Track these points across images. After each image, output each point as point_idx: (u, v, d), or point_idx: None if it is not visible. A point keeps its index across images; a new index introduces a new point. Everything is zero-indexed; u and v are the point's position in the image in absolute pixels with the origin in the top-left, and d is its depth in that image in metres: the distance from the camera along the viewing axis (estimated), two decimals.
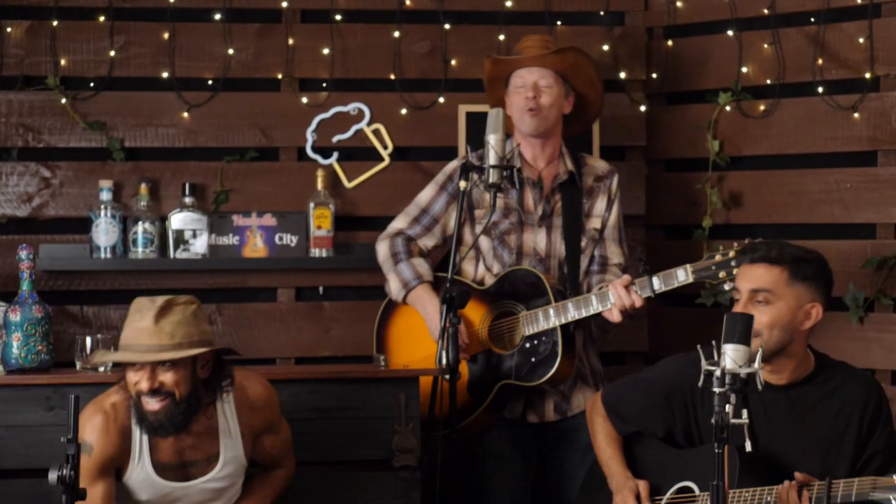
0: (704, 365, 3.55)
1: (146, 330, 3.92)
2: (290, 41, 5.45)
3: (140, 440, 4.03)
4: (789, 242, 4.15)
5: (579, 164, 5.03)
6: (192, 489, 4.08)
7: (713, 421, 3.46)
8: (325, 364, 5.37)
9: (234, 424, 4.14)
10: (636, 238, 5.54)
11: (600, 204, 5.02)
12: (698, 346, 3.63)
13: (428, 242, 5.03)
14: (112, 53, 5.36)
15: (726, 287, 4.59)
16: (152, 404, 3.95)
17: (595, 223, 5.01)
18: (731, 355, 3.52)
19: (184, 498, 4.08)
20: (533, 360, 4.77)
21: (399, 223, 5.07)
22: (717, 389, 3.49)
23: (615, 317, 4.71)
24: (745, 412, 3.51)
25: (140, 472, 4.03)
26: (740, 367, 3.51)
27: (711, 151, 5.42)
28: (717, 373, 3.50)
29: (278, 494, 4.28)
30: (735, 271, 4.50)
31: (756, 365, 3.54)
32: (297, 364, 5.42)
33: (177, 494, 4.08)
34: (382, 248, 5.04)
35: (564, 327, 4.76)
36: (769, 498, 3.91)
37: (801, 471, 3.96)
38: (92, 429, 3.99)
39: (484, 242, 4.98)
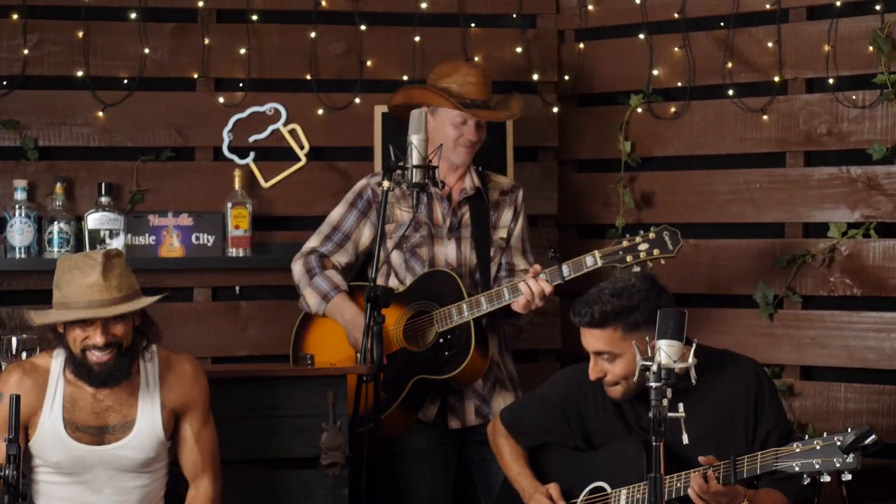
0: (639, 360, 3.63)
1: (96, 286, 3.98)
2: (206, 41, 5.44)
3: (54, 396, 4.05)
4: (612, 289, 4.16)
5: (484, 181, 5.13)
6: (105, 454, 4.06)
7: (650, 415, 3.53)
8: (243, 363, 5.38)
9: (155, 391, 4.14)
10: (549, 238, 5.64)
11: (506, 215, 5.11)
12: (633, 343, 3.72)
13: (341, 259, 5.07)
14: (25, 52, 5.31)
15: (634, 270, 4.67)
16: (101, 356, 4.02)
17: (501, 233, 5.11)
18: (665, 350, 3.60)
19: (98, 465, 4.06)
20: (446, 353, 4.85)
21: (312, 242, 5.11)
22: (653, 384, 3.57)
23: (521, 304, 4.79)
24: (681, 406, 3.59)
25: (50, 429, 4.01)
26: (675, 361, 3.60)
27: (623, 152, 5.53)
28: (653, 367, 3.58)
29: None
30: (643, 255, 4.66)
31: (691, 360, 3.63)
32: (214, 363, 5.41)
33: (90, 460, 4.06)
34: (297, 267, 5.07)
35: (477, 322, 4.84)
36: (679, 483, 3.99)
37: (697, 461, 4.03)
38: (3, 382, 4.06)
39: (395, 257, 5.03)
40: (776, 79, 5.25)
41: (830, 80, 5.13)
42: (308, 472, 4.56)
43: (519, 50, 5.65)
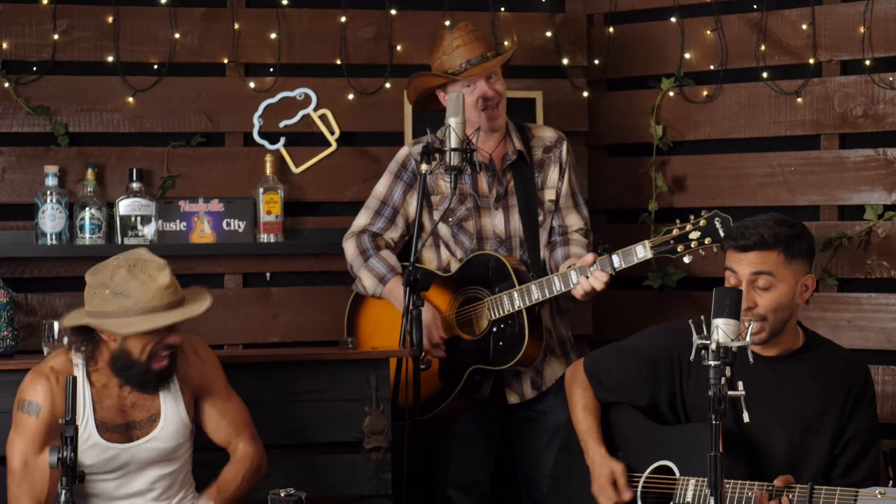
0: (696, 339, 3.60)
1: (171, 286, 3.97)
2: (236, 26, 5.41)
3: (84, 401, 4.00)
4: (773, 218, 4.13)
5: (526, 138, 5.07)
6: (136, 450, 4.03)
7: (710, 393, 3.51)
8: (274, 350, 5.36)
9: (174, 379, 4.11)
10: None
11: (553, 174, 5.05)
12: (689, 320, 3.66)
13: (393, 235, 5.04)
14: (55, 37, 5.27)
15: (685, 260, 4.63)
16: (164, 360, 4.00)
17: (550, 195, 5.04)
18: (723, 329, 3.58)
19: (131, 462, 4.03)
20: (501, 343, 4.80)
21: (362, 220, 5.06)
22: (711, 363, 3.54)
23: (578, 294, 4.76)
24: (740, 384, 3.57)
25: (83, 433, 3.96)
26: (732, 340, 3.58)
27: (654, 136, 5.51)
28: (712, 346, 3.55)
29: (247, 474, 4.19)
30: (694, 244, 4.57)
31: (748, 339, 3.61)
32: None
33: (123, 458, 4.03)
34: (350, 248, 5.03)
35: (530, 309, 4.79)
36: (750, 493, 3.93)
37: (778, 446, 4.03)
38: (35, 392, 3.96)
39: (443, 229, 4.99)
40: (811, 61, 5.23)
41: (867, 62, 5.10)
42: (351, 456, 4.54)
43: (548, 34, 5.63)
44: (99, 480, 4.03)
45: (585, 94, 5.65)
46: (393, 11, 5.51)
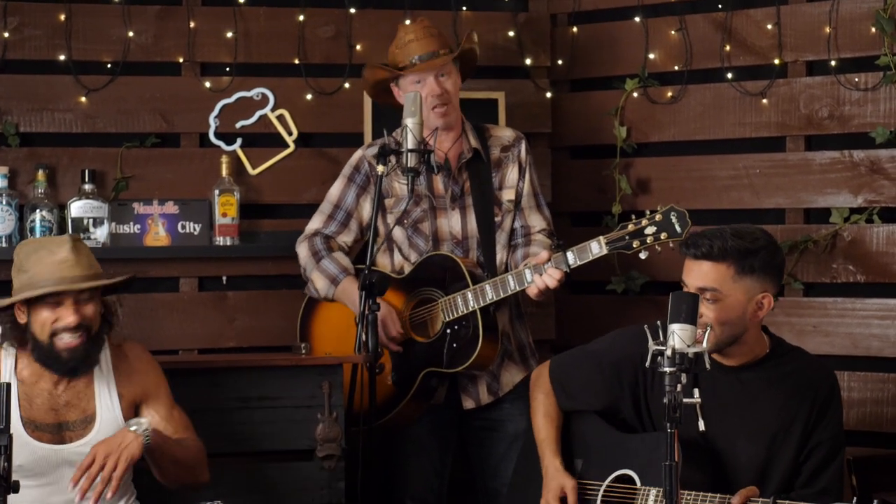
0: (652, 345, 3.51)
1: (67, 261, 3.87)
2: (192, 24, 5.31)
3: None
4: (734, 229, 4.00)
5: (484, 138, 4.98)
6: (69, 453, 3.91)
7: (665, 401, 3.43)
8: (230, 355, 5.25)
9: (112, 384, 4.02)
10: None
11: (512, 174, 4.96)
12: (644, 326, 3.58)
13: (346, 238, 4.95)
14: (6, 35, 5.16)
15: (641, 256, 4.53)
16: (71, 340, 3.90)
17: (509, 194, 4.95)
18: (679, 335, 3.49)
19: (63, 465, 3.91)
20: (455, 345, 4.71)
21: (315, 223, 4.97)
22: (667, 369, 3.45)
23: (533, 293, 4.66)
24: (696, 391, 3.48)
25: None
26: (688, 346, 3.49)
27: (619, 138, 5.42)
28: (668, 352, 3.46)
29: (189, 448, 4.05)
30: (650, 240, 4.47)
31: (704, 345, 3.52)
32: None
33: (53, 460, 3.91)
34: (302, 251, 4.94)
35: (484, 310, 4.70)
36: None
37: (744, 456, 3.95)
38: None
39: (398, 233, 4.90)
40: (776, 62, 5.15)
41: (832, 63, 5.03)
42: (303, 464, 4.45)
43: (511, 34, 5.54)
44: (31, 486, 3.89)
45: (549, 94, 5.56)
46: (352, 10, 5.42)
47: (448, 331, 4.73)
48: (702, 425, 3.53)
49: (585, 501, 4.10)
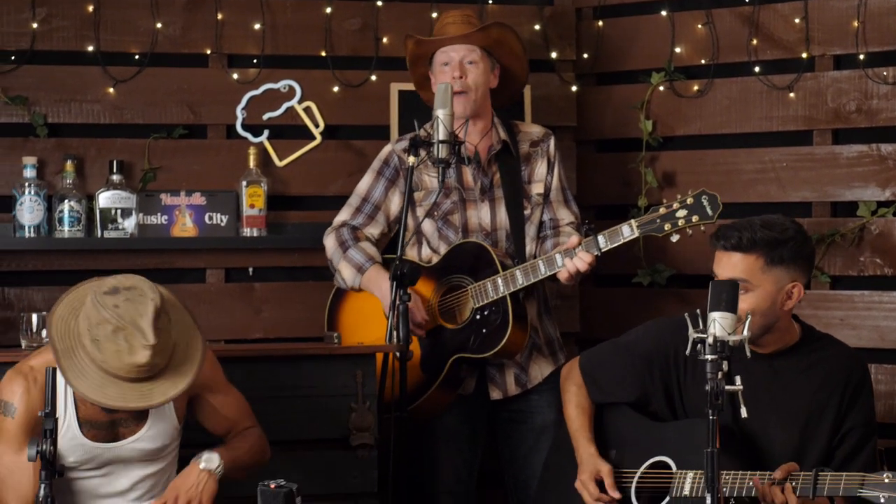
0: (692, 333, 3.52)
1: (143, 367, 3.69)
2: (219, 16, 5.32)
3: (65, 399, 3.85)
4: (763, 220, 4.04)
5: (513, 133, 4.99)
6: (121, 450, 3.90)
7: (707, 388, 3.44)
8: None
9: None
10: None
11: (540, 168, 4.97)
12: (685, 314, 3.58)
13: (373, 231, 4.95)
14: (34, 26, 5.17)
15: (673, 239, 4.54)
16: None
17: (538, 188, 4.96)
18: (720, 322, 3.50)
19: (114, 461, 3.90)
20: (484, 331, 4.72)
21: (342, 215, 4.98)
22: (708, 357, 3.46)
23: (563, 277, 4.67)
24: (737, 379, 3.49)
25: (66, 433, 3.83)
26: (729, 334, 3.50)
27: (644, 131, 5.43)
28: (709, 340, 3.47)
29: (254, 448, 4.07)
30: (681, 223, 4.49)
31: (745, 332, 3.53)
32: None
33: (106, 457, 3.89)
34: (329, 242, 4.95)
35: (514, 296, 4.71)
36: (748, 483, 3.86)
37: (778, 443, 3.96)
38: (12, 392, 3.81)
39: (427, 225, 4.91)
40: (803, 55, 5.17)
41: (860, 57, 5.04)
42: (337, 453, 4.43)
43: (536, 27, 5.55)
44: (83, 478, 3.90)
45: (574, 88, 5.57)
46: (379, 3, 5.43)
47: (477, 316, 4.74)
48: (744, 412, 3.52)
49: (621, 489, 4.11)
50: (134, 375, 3.69)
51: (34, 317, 4.31)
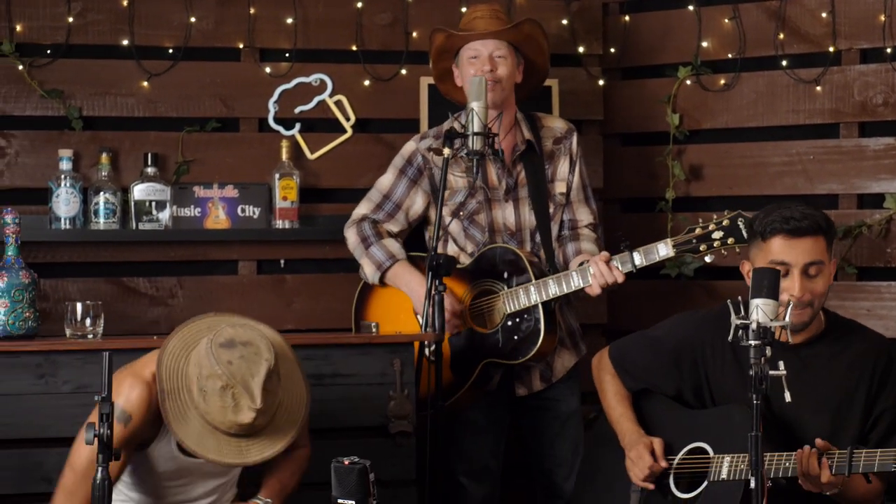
0: (735, 320, 3.57)
1: (245, 426, 3.71)
2: (252, 10, 5.37)
3: None
4: (800, 205, 4.13)
5: (536, 128, 5.03)
6: (206, 465, 3.91)
7: (751, 373, 3.48)
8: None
9: None
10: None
11: (563, 167, 5.02)
12: (728, 301, 3.63)
13: (392, 228, 5.00)
14: (70, 20, 5.21)
15: (707, 259, 4.59)
16: None
17: (560, 187, 5.01)
18: (762, 309, 3.55)
19: (195, 472, 3.95)
20: (516, 337, 4.76)
21: (362, 209, 5.03)
22: (752, 342, 3.52)
23: (595, 290, 4.72)
24: (781, 363, 3.55)
25: (165, 446, 3.87)
26: (772, 320, 3.55)
27: (671, 125, 5.48)
28: (752, 326, 3.53)
29: (302, 470, 4.12)
30: (717, 244, 4.52)
31: (787, 319, 3.59)
32: None
33: (191, 468, 3.94)
34: (351, 235, 5.00)
35: (546, 304, 4.75)
36: (787, 464, 3.92)
37: (811, 430, 4.01)
38: (129, 399, 3.76)
39: (454, 225, 4.95)
40: (830, 49, 5.22)
41: (887, 50, 5.09)
42: (375, 440, 4.48)
43: (564, 22, 5.60)
44: (165, 486, 3.95)
45: (601, 82, 5.62)
46: None
47: (509, 323, 4.78)
48: (788, 396, 3.58)
49: (659, 476, 4.16)
50: (234, 432, 3.73)
51: (78, 306, 4.36)
